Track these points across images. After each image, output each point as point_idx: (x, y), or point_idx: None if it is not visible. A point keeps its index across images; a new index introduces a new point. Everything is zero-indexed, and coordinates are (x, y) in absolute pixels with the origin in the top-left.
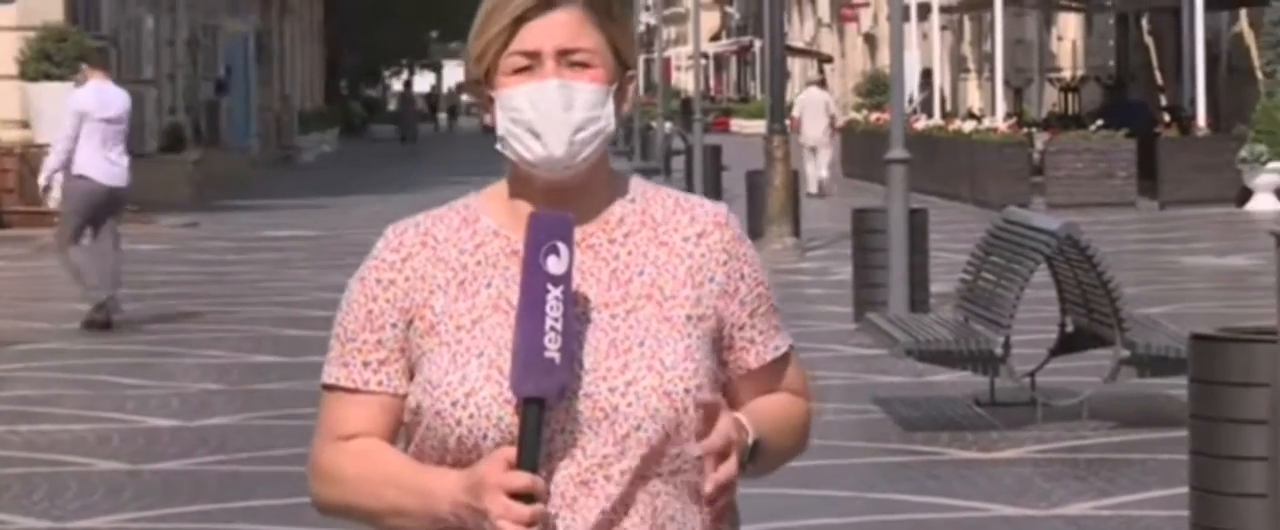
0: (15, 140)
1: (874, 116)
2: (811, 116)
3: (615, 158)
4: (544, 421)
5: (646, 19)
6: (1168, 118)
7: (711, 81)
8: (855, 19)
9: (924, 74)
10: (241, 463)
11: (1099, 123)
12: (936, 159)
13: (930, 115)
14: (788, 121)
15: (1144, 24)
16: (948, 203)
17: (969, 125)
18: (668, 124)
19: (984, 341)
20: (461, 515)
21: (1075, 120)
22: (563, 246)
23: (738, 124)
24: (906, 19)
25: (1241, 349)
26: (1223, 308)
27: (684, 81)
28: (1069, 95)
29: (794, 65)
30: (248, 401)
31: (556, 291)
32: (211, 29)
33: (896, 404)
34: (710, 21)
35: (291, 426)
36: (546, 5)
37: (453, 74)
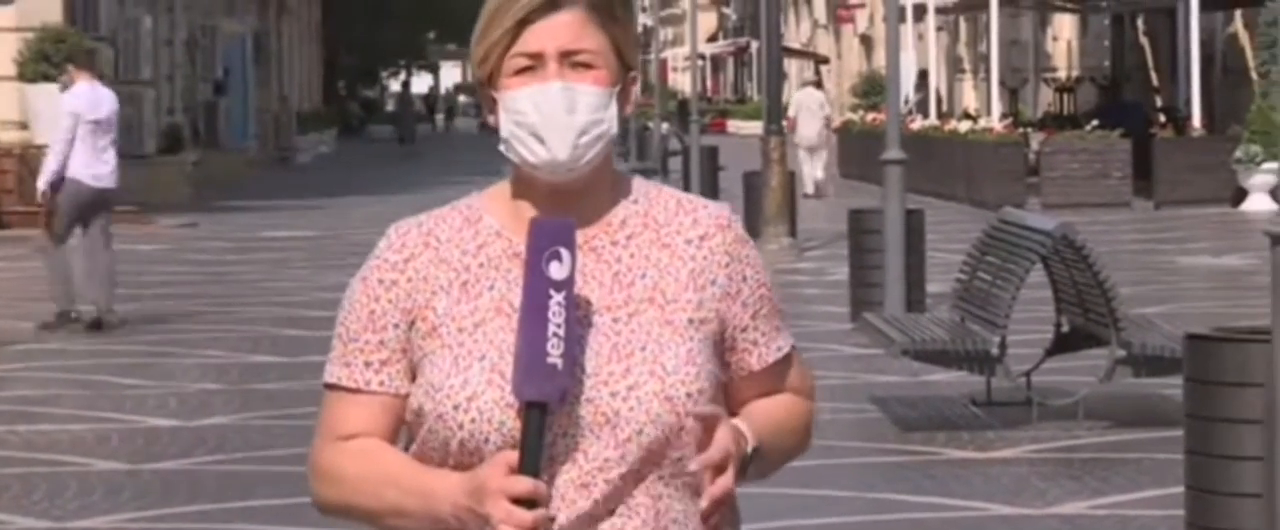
0: (14, 141)
1: (870, 117)
2: (806, 117)
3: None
4: (546, 426)
5: (643, 20)
6: (1163, 118)
7: (708, 82)
8: (851, 20)
9: (920, 75)
10: (240, 462)
11: (1094, 123)
12: (932, 159)
13: (926, 116)
14: (784, 122)
15: (1139, 25)
16: (944, 203)
17: (965, 126)
18: (665, 125)
19: (980, 341)
20: (463, 518)
21: (1071, 121)
22: (565, 252)
23: (734, 125)
24: (902, 20)
25: (1236, 349)
26: (1218, 308)
27: (681, 82)
28: (1064, 96)
29: (791, 66)
30: (246, 401)
31: (558, 297)
32: (209, 30)
33: (893, 404)
34: (707, 22)
35: (290, 426)
36: (550, 7)
37: (450, 75)
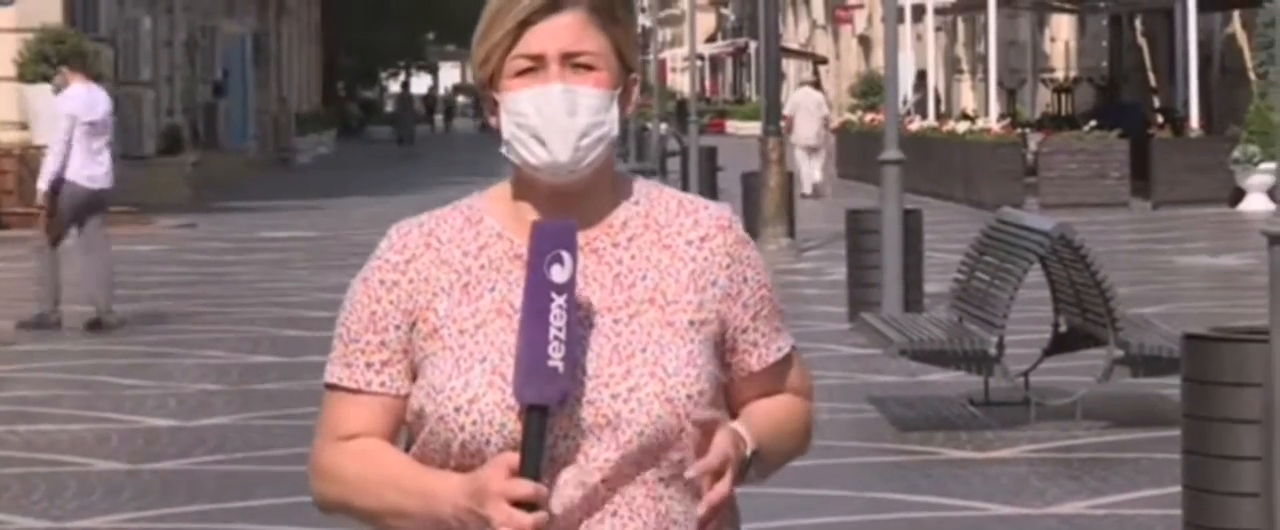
0: (14, 142)
1: (868, 117)
2: (804, 116)
3: None
4: (546, 429)
5: (642, 20)
6: (1161, 118)
7: (707, 83)
8: (850, 21)
9: (918, 75)
10: (239, 462)
11: (1092, 123)
12: (931, 160)
13: (924, 116)
14: (781, 122)
15: (1137, 25)
16: (942, 203)
17: (963, 126)
18: (663, 125)
19: (978, 341)
20: (464, 520)
21: (1069, 121)
22: (566, 255)
23: (733, 125)
24: (901, 21)
25: (1234, 349)
26: (1216, 308)
27: (680, 83)
28: (1062, 96)
29: (789, 67)
30: (246, 402)
31: (560, 300)
32: (209, 31)
33: (891, 404)
34: (706, 23)
35: (289, 426)
36: (551, 8)
37: (449, 76)
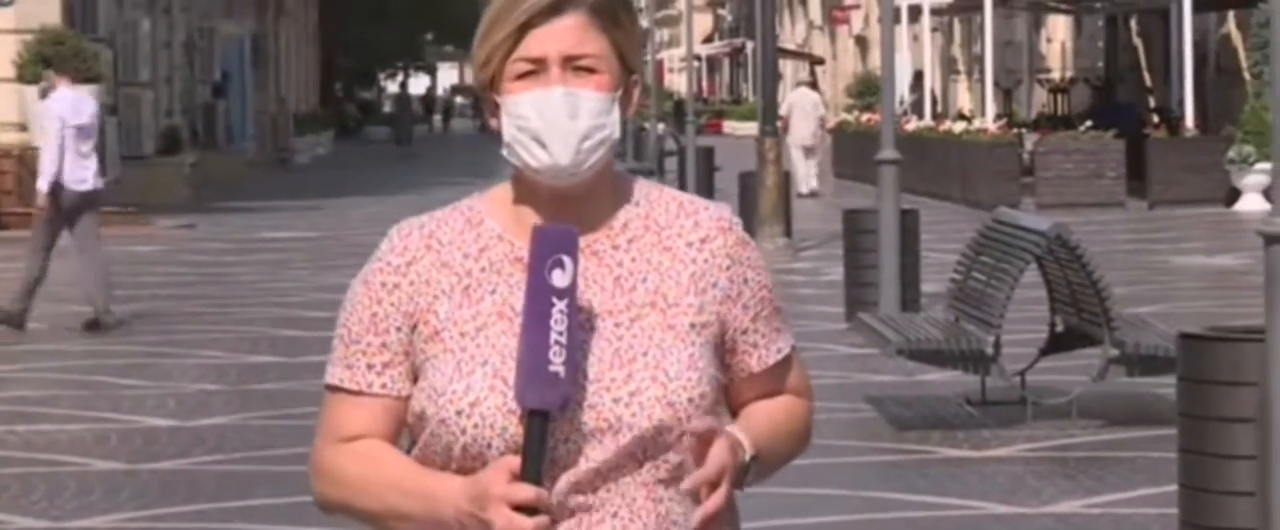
0: (13, 142)
1: (865, 118)
2: (800, 116)
3: None
4: (548, 433)
5: (640, 21)
6: (1156, 118)
7: (704, 83)
8: (846, 21)
9: (915, 76)
10: (238, 462)
11: (1088, 123)
12: (927, 160)
13: (921, 116)
14: (778, 122)
15: (1133, 26)
16: (938, 203)
17: (959, 126)
18: (661, 125)
19: (974, 341)
20: (465, 522)
21: (1065, 121)
22: (567, 260)
23: (730, 126)
24: (897, 21)
25: (1230, 348)
26: (1211, 307)
27: (677, 83)
28: (1058, 96)
29: (786, 67)
30: (245, 402)
31: (561, 305)
32: (207, 32)
33: (888, 403)
34: (703, 23)
35: (289, 426)
36: (552, 11)
37: (447, 76)
